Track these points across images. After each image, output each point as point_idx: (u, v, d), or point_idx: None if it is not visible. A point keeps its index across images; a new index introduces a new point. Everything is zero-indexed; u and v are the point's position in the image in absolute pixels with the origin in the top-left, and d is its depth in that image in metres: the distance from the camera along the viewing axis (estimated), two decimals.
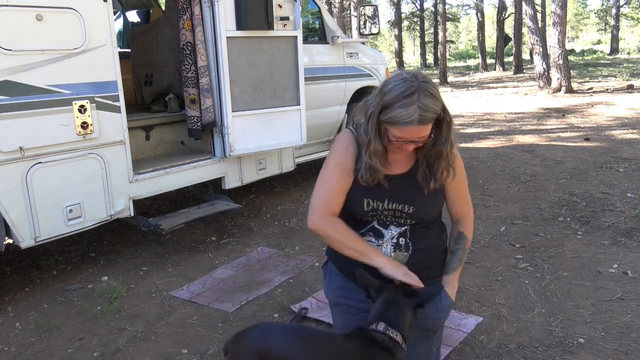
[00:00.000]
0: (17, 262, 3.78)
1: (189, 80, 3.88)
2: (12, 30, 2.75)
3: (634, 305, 2.79)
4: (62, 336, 2.78)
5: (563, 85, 13.09)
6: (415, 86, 1.56)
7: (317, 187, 1.78)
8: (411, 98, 1.55)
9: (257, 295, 3.14)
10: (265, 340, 1.62)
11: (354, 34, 15.60)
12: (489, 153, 6.74)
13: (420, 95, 1.55)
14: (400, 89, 1.57)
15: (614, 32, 33.82)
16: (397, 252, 1.78)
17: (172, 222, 3.69)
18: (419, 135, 1.60)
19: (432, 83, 1.61)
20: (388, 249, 1.78)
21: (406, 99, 1.55)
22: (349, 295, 1.91)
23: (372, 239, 1.79)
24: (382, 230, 1.78)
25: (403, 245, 1.78)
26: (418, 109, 1.54)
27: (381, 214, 1.76)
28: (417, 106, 1.54)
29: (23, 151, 2.85)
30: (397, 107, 1.56)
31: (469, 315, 2.78)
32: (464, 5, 41.99)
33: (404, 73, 1.62)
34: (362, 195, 1.75)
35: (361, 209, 1.76)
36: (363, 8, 5.81)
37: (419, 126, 1.57)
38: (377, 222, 1.78)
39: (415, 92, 1.55)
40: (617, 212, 4.20)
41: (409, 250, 1.78)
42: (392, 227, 1.77)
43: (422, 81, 1.57)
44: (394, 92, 1.57)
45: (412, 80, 1.57)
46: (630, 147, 6.57)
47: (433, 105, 1.57)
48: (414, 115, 1.54)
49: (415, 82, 1.56)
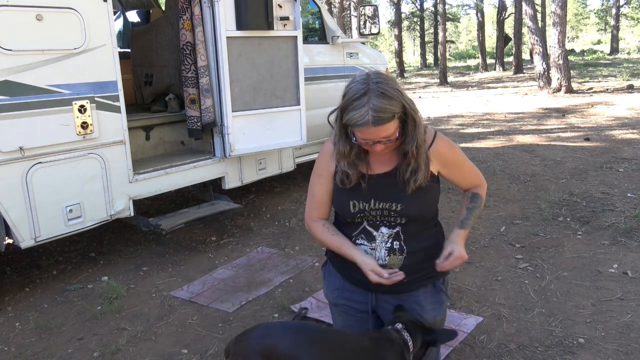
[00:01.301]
0: (17, 262, 3.78)
1: (189, 80, 3.88)
2: (12, 30, 2.75)
3: (634, 305, 2.79)
4: (62, 336, 2.78)
5: (563, 85, 13.10)
6: (366, 88, 1.54)
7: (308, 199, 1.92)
8: (362, 100, 1.54)
9: (257, 295, 3.13)
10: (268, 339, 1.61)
11: (354, 34, 15.60)
12: (489, 153, 6.74)
13: (372, 96, 1.53)
14: (352, 91, 1.57)
15: (614, 32, 33.82)
16: (392, 256, 1.77)
17: (172, 222, 3.69)
18: (381, 136, 1.59)
19: (388, 83, 1.57)
20: (382, 253, 1.77)
21: (357, 101, 1.55)
22: (348, 296, 1.91)
23: (365, 241, 1.78)
24: (374, 232, 1.77)
25: (397, 249, 1.76)
26: (370, 110, 1.52)
27: (369, 214, 1.75)
28: (368, 108, 1.53)
29: (23, 151, 2.85)
30: (350, 109, 1.56)
31: (469, 315, 2.78)
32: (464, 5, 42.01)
33: (363, 74, 1.61)
34: (348, 198, 1.75)
35: (348, 211, 1.77)
36: (363, 8, 5.81)
37: (376, 127, 1.55)
38: (367, 223, 1.78)
39: (367, 94, 1.54)
40: (617, 212, 4.20)
41: (404, 253, 1.77)
42: (383, 228, 1.76)
43: (374, 82, 1.55)
44: (349, 94, 1.58)
45: (365, 82, 1.56)
46: (630, 147, 6.57)
47: (386, 105, 1.54)
48: (366, 117, 1.53)
49: (367, 83, 1.55)
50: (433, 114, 11.17)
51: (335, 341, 1.71)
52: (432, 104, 13.42)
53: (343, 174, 1.74)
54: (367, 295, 1.88)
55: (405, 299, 1.83)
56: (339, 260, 1.90)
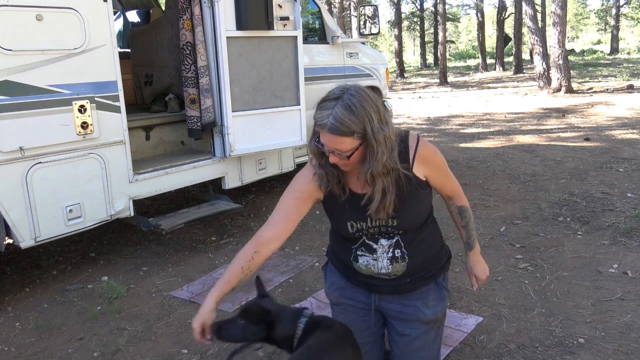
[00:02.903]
0: (17, 262, 3.78)
1: (189, 80, 3.88)
2: (12, 30, 2.75)
3: (634, 305, 2.79)
4: (62, 336, 2.78)
5: (563, 85, 13.10)
6: (340, 95, 1.54)
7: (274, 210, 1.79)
8: (330, 103, 1.54)
9: None
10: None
11: (354, 34, 15.61)
12: (489, 153, 6.74)
13: (339, 104, 1.52)
14: (330, 93, 1.58)
15: (614, 32, 33.82)
16: (395, 264, 1.78)
17: (172, 222, 3.69)
18: (335, 146, 1.56)
19: (362, 101, 1.54)
20: (385, 263, 1.78)
21: (326, 102, 1.55)
22: (350, 295, 1.92)
23: (366, 253, 1.79)
24: (373, 245, 1.77)
25: (399, 257, 1.77)
26: (331, 116, 1.52)
27: (367, 231, 1.76)
28: (331, 112, 1.52)
29: (23, 151, 2.85)
30: (319, 107, 1.57)
31: (469, 315, 2.78)
32: (464, 5, 42.08)
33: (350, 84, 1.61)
34: (345, 219, 1.75)
35: (347, 232, 1.77)
36: (363, 8, 5.81)
37: (331, 135, 1.54)
38: (366, 238, 1.78)
39: (338, 99, 1.53)
40: (617, 212, 4.20)
41: (405, 259, 1.78)
42: (382, 240, 1.77)
43: (350, 93, 1.54)
44: (327, 94, 1.59)
45: (343, 89, 1.56)
46: (630, 147, 6.57)
47: (346, 118, 1.51)
48: (324, 120, 1.53)
49: (343, 92, 1.55)
50: (433, 114, 11.17)
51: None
52: (432, 104, 13.43)
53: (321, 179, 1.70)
54: (369, 296, 1.89)
55: (408, 297, 1.85)
56: (340, 264, 1.91)
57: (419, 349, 1.89)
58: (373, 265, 1.79)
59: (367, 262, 1.80)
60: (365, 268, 1.81)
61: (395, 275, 1.80)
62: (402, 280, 1.82)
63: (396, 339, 1.91)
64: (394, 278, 1.81)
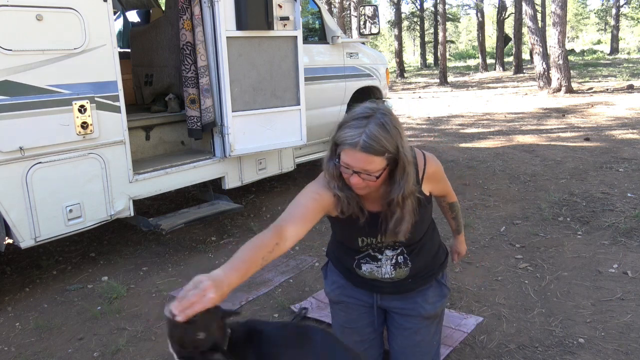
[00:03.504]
0: (17, 262, 3.78)
1: (189, 80, 3.88)
2: (12, 30, 2.74)
3: (634, 305, 2.79)
4: (62, 336, 2.78)
5: (563, 85, 13.10)
6: (371, 114, 1.52)
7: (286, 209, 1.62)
8: (362, 121, 1.50)
9: (257, 295, 3.13)
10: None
11: (354, 34, 15.61)
12: (489, 153, 6.74)
13: (372, 122, 1.49)
14: (356, 112, 1.54)
15: (614, 32, 33.81)
16: (398, 270, 1.81)
17: (172, 222, 3.69)
18: (363, 167, 1.51)
19: (393, 119, 1.53)
20: (388, 269, 1.81)
21: (357, 121, 1.51)
22: (351, 294, 1.94)
23: (370, 262, 1.82)
24: (378, 256, 1.80)
25: (402, 263, 1.81)
26: (364, 134, 1.48)
27: (375, 246, 1.78)
28: (364, 131, 1.48)
29: (23, 151, 2.85)
30: (346, 126, 1.52)
31: (469, 315, 2.78)
32: (464, 5, 42.08)
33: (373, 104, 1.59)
34: (356, 234, 1.75)
35: (356, 246, 1.78)
36: (363, 8, 5.81)
37: (362, 153, 1.48)
38: (372, 251, 1.80)
39: (368, 118, 1.50)
40: (617, 212, 4.20)
41: (408, 265, 1.81)
42: (387, 251, 1.80)
43: (381, 113, 1.52)
44: (351, 114, 1.55)
45: (372, 109, 1.54)
46: (630, 147, 6.57)
47: (381, 137, 1.48)
48: (357, 138, 1.48)
49: (376, 111, 1.53)
50: (433, 114, 11.17)
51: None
52: (432, 104, 13.42)
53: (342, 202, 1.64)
54: (371, 295, 1.91)
55: (410, 295, 1.88)
56: (341, 265, 1.94)
57: (418, 343, 1.90)
58: (377, 271, 1.82)
59: (370, 269, 1.83)
60: (369, 274, 1.85)
61: (398, 279, 1.83)
62: (404, 281, 1.84)
63: (396, 333, 1.92)
64: (397, 281, 1.84)
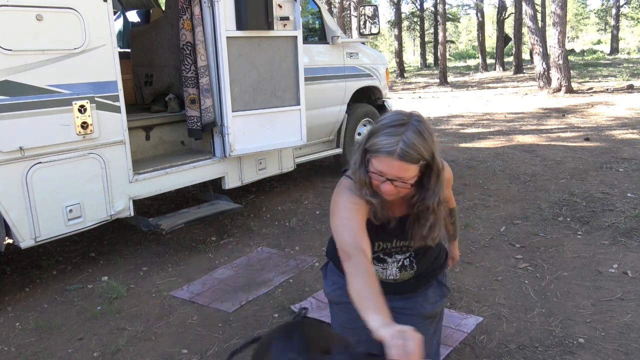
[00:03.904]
0: (17, 262, 3.78)
1: (189, 80, 3.88)
2: (12, 30, 2.74)
3: (634, 305, 2.79)
4: (62, 336, 2.78)
5: (563, 85, 13.10)
6: (407, 121, 1.51)
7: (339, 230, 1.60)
8: (399, 129, 1.49)
9: (257, 295, 3.14)
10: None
11: (354, 34, 15.61)
12: (489, 153, 6.74)
13: (409, 129, 1.49)
14: (390, 118, 1.54)
15: (614, 32, 33.81)
16: (403, 272, 1.81)
17: (172, 222, 3.69)
18: (399, 174, 1.50)
19: (427, 126, 1.53)
20: (393, 271, 1.81)
21: (393, 128, 1.50)
22: None
23: (376, 264, 1.81)
24: (387, 259, 1.81)
25: (408, 266, 1.81)
26: (401, 142, 1.47)
27: (389, 250, 1.78)
28: (401, 138, 1.47)
29: (23, 151, 2.85)
30: (382, 134, 1.51)
31: (469, 315, 2.78)
32: (464, 5, 42.08)
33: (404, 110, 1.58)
34: (373, 239, 1.72)
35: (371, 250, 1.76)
36: (363, 8, 5.81)
37: (399, 161, 1.48)
38: (382, 254, 1.80)
39: (405, 125, 1.50)
40: (617, 212, 4.20)
41: (414, 267, 1.81)
42: (396, 255, 1.80)
43: (416, 119, 1.52)
44: (385, 120, 1.54)
45: (407, 116, 1.53)
46: (630, 147, 6.57)
47: (419, 144, 1.48)
48: (395, 146, 1.47)
49: (410, 118, 1.52)
50: (433, 114, 11.17)
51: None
52: (432, 104, 13.42)
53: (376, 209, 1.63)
54: None
55: (411, 295, 1.88)
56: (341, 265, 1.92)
57: None
58: (382, 273, 1.82)
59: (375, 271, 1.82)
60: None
61: (401, 280, 1.83)
62: (407, 283, 1.85)
63: None
64: (400, 282, 1.85)
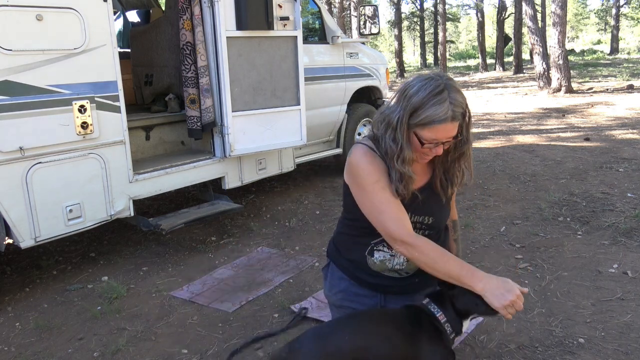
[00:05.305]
0: (17, 262, 3.78)
1: (189, 80, 3.88)
2: (12, 30, 2.75)
3: (634, 305, 2.79)
4: (62, 336, 2.78)
5: (563, 85, 13.10)
6: (443, 83, 1.54)
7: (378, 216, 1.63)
8: (442, 95, 1.52)
9: (257, 295, 3.13)
10: (327, 341, 1.55)
11: (354, 34, 15.62)
12: (489, 153, 6.74)
13: (450, 91, 1.53)
14: (428, 87, 1.53)
15: (614, 32, 33.82)
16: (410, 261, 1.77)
17: (172, 222, 3.69)
18: (450, 135, 1.58)
19: (453, 79, 1.60)
20: (401, 259, 1.78)
21: (437, 96, 1.52)
22: (352, 298, 1.90)
23: (385, 249, 1.78)
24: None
25: None
26: (450, 105, 1.52)
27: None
28: (449, 102, 1.52)
29: (23, 151, 2.85)
30: (429, 105, 1.52)
31: None
32: (464, 5, 42.11)
33: (424, 74, 1.59)
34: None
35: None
36: (363, 8, 5.81)
37: (452, 123, 1.55)
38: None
39: (445, 89, 1.53)
40: (617, 212, 4.20)
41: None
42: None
43: (447, 78, 1.56)
44: (423, 92, 1.53)
45: (438, 79, 1.55)
46: (630, 147, 6.57)
47: (462, 100, 1.56)
48: (448, 112, 1.52)
49: (440, 79, 1.55)
50: None
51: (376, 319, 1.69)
52: None
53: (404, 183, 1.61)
54: (374, 297, 1.88)
55: (413, 296, 1.86)
56: (347, 263, 1.89)
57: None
58: (389, 260, 1.77)
59: (383, 257, 1.78)
60: (380, 263, 1.79)
61: (407, 272, 1.79)
62: (411, 280, 1.82)
63: None
64: (404, 277, 1.81)
